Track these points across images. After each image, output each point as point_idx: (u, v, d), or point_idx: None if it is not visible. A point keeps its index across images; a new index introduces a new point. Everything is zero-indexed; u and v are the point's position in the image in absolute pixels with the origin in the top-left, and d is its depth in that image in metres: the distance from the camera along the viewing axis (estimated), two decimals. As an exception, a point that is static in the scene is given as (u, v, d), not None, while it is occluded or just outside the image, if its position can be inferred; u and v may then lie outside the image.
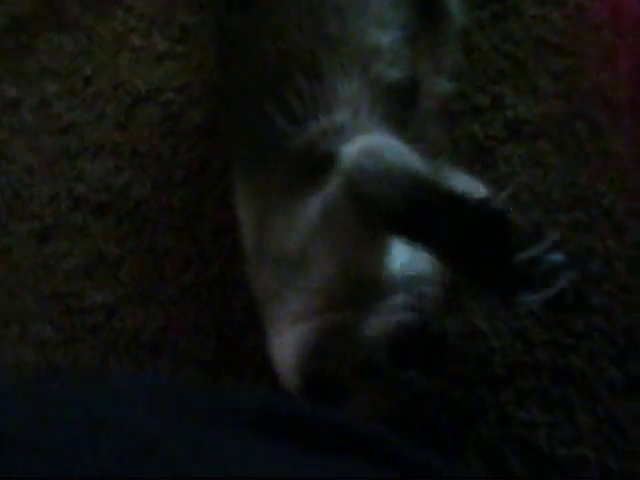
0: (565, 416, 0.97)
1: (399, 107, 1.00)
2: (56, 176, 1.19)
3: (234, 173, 1.02)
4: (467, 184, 1.01)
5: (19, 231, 1.21)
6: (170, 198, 1.13)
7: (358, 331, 0.86)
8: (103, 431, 0.50)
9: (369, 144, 0.92)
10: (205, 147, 1.13)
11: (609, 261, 1.00)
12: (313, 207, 0.90)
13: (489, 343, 1.00)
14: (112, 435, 0.50)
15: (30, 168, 1.23)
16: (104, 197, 1.16)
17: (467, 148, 1.07)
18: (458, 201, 0.80)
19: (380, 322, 0.86)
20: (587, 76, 1.08)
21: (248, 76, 1.00)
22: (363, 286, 0.88)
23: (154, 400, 0.57)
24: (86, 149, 1.18)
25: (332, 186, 0.89)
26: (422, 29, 1.04)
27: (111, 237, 1.14)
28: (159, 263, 1.11)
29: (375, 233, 0.88)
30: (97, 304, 1.12)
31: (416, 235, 0.83)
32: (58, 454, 0.48)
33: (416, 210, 0.82)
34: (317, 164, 0.93)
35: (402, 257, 0.93)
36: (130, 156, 1.16)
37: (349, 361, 0.86)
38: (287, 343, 0.90)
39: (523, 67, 1.10)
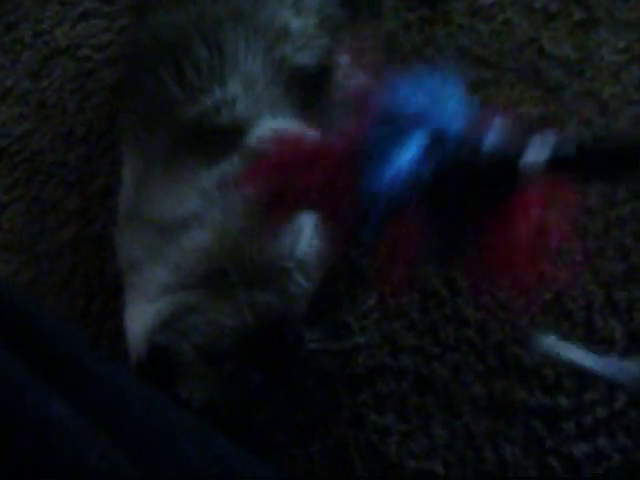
0: (420, 426, 0.93)
1: (302, 91, 0.98)
2: (-41, 116, 1.17)
3: (122, 133, 1.00)
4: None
5: None
6: (67, 153, 1.11)
7: (214, 315, 0.83)
8: None
9: (275, 125, 0.90)
10: (111, 108, 1.11)
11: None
12: (207, 179, 0.88)
13: (354, 340, 0.96)
14: None
15: None
16: (3, 142, 1.13)
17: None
18: None
19: (239, 311, 0.83)
20: (502, 90, 1.06)
21: (150, 39, 0.98)
22: (239, 267, 0.85)
23: None
24: (-6, 92, 1.17)
25: (233, 162, 0.87)
26: (346, 22, 1.03)
27: (1, 183, 1.11)
28: (43, 215, 1.08)
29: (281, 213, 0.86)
30: (-27, 247, 1.08)
31: None
32: None
33: None
34: (207, 136, 0.91)
35: (303, 241, 0.91)
36: (36, 106, 1.14)
37: (195, 342, 0.82)
38: (140, 314, 0.86)
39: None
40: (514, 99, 1.05)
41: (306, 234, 0.92)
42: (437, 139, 0.62)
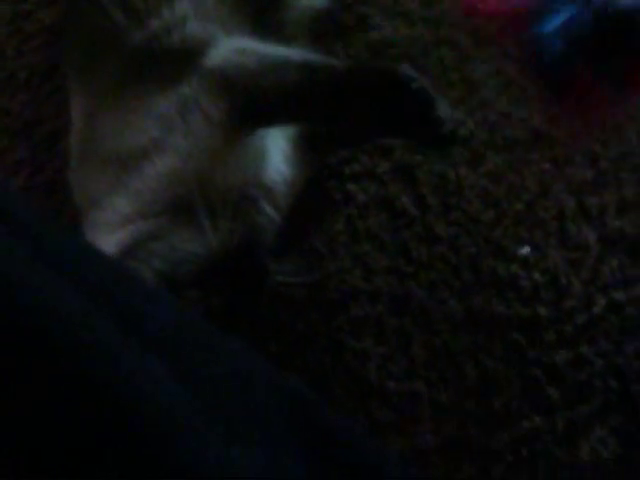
0: (399, 348, 0.91)
1: (254, 11, 0.94)
2: None
3: (67, 69, 0.95)
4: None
5: None
6: (10, 100, 1.05)
7: (176, 241, 0.79)
8: None
9: (238, 43, 0.87)
10: (52, 50, 1.06)
11: (460, 189, 0.95)
12: (163, 104, 0.83)
13: (325, 266, 0.93)
14: None
15: None
16: (-62, 94, 1.08)
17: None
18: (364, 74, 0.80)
19: (202, 237, 0.79)
20: (458, 3, 1.03)
21: None
22: (203, 194, 0.81)
23: None
24: None
25: (193, 84, 0.83)
26: None
27: (-59, 136, 1.05)
28: (-11, 166, 1.03)
29: (247, 133, 0.83)
30: None
31: (315, 116, 0.83)
32: None
33: (316, 89, 0.80)
34: (158, 60, 0.87)
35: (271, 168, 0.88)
36: (-28, 53, 1.09)
37: (156, 267, 0.78)
38: (101, 247, 0.82)
39: (394, -10, 1.05)
40: (470, 12, 1.02)
41: (274, 160, 0.89)
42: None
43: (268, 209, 0.85)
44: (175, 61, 0.86)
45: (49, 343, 0.43)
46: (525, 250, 0.93)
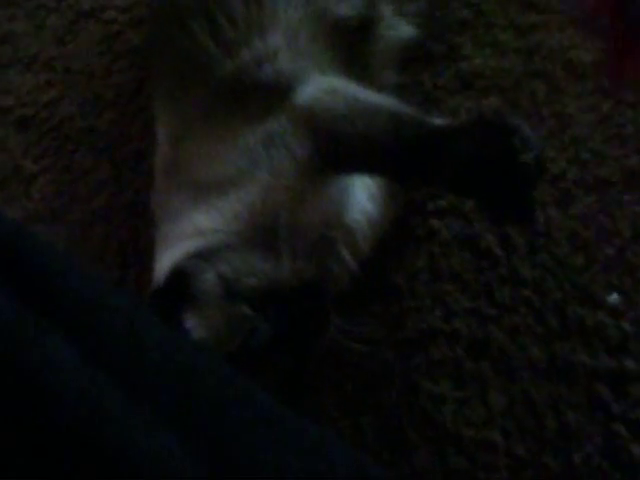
0: (476, 393, 0.88)
1: (345, 44, 0.93)
2: (-15, 86, 1.13)
3: (154, 93, 0.96)
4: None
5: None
6: (96, 118, 1.06)
7: (250, 256, 0.78)
8: None
9: (329, 83, 0.85)
10: (139, 70, 1.07)
11: (548, 231, 0.91)
12: (250, 138, 0.83)
13: (404, 303, 0.91)
14: None
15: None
16: (29, 111, 1.10)
17: (412, 96, 0.99)
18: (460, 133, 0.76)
19: (277, 261, 0.78)
20: (552, 35, 0.99)
21: None
22: (283, 229, 0.80)
23: None
24: (19, 60, 1.12)
25: (281, 120, 0.82)
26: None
27: (30, 152, 1.07)
28: (74, 184, 1.04)
29: (330, 172, 0.82)
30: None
31: (399, 173, 0.80)
32: None
33: (403, 145, 0.77)
34: (248, 92, 0.86)
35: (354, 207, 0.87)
36: (63, 72, 1.10)
37: (222, 272, 0.77)
38: (171, 253, 0.82)
39: (486, 19, 1.02)
40: (564, 44, 0.99)
41: (358, 198, 0.88)
42: None
43: (345, 254, 0.83)
44: (265, 95, 0.85)
45: None
46: (614, 298, 0.89)
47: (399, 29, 0.97)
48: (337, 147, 0.80)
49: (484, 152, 0.73)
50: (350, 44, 0.93)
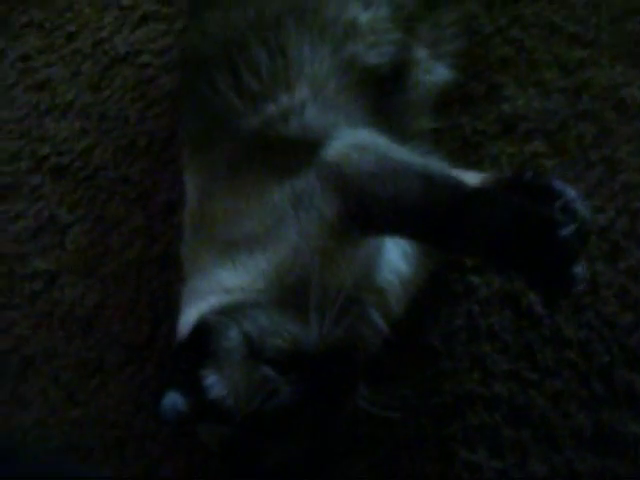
0: (516, 463, 0.83)
1: (377, 92, 0.89)
2: (23, 134, 1.13)
3: (184, 139, 0.94)
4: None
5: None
6: (129, 167, 1.05)
7: (278, 315, 0.76)
8: None
9: (358, 138, 0.82)
10: (173, 116, 1.05)
11: (595, 287, 0.85)
12: (278, 196, 0.80)
13: (440, 366, 0.87)
14: None
15: (-1, 123, 1.18)
16: (65, 159, 1.09)
17: (450, 142, 0.94)
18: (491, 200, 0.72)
19: (305, 324, 0.75)
20: (602, 71, 0.93)
21: (204, 42, 0.91)
22: (313, 291, 0.77)
23: None
24: (56, 107, 1.12)
25: (309, 178, 0.79)
26: (421, 10, 0.93)
27: (65, 201, 1.07)
28: (107, 234, 1.03)
29: (360, 234, 0.78)
30: (40, 270, 1.05)
31: (430, 238, 0.76)
32: None
33: (435, 210, 0.74)
34: (274, 147, 0.84)
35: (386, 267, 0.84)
36: (97, 118, 1.10)
37: (247, 330, 0.75)
38: (196, 308, 0.80)
39: (530, 56, 0.96)
40: (616, 82, 0.92)
41: (391, 258, 0.84)
42: None
43: (376, 317, 0.79)
44: (292, 150, 0.83)
45: None
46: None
47: (436, 72, 0.93)
48: (366, 208, 0.76)
49: (521, 222, 0.69)
50: (382, 92, 0.89)
